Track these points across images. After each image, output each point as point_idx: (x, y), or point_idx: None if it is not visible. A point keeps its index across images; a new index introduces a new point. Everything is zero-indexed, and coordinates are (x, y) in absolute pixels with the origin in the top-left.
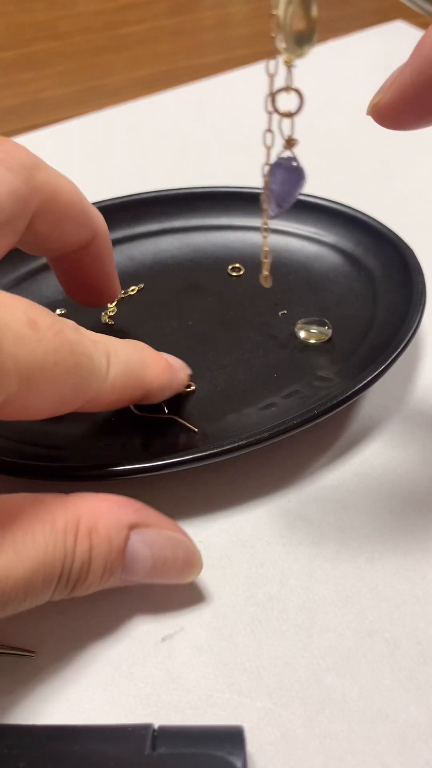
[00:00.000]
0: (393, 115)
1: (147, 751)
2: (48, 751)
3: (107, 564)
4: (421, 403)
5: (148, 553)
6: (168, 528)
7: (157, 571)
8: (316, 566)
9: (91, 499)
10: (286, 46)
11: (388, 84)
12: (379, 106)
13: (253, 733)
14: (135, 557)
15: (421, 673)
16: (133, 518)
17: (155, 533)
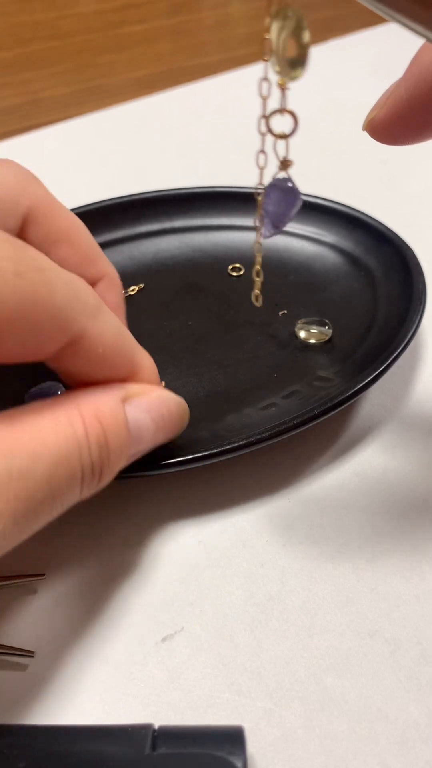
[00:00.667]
0: (388, 130)
1: (147, 752)
2: (48, 751)
3: (121, 441)
4: (421, 404)
5: (148, 418)
6: (153, 390)
7: (159, 432)
8: (316, 566)
9: (79, 391)
10: (280, 70)
11: (383, 100)
12: (375, 122)
13: (254, 734)
14: (139, 426)
15: (422, 673)
16: (122, 393)
17: (146, 398)
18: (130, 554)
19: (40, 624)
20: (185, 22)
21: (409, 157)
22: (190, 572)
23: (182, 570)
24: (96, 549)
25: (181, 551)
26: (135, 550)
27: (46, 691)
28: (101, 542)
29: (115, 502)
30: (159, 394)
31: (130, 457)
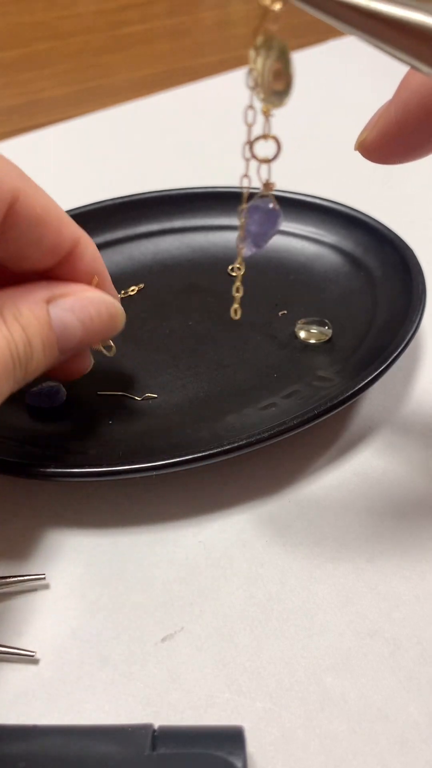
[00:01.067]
0: (379, 151)
1: (147, 752)
2: (48, 751)
3: (43, 339)
4: (421, 403)
5: (73, 318)
6: (82, 289)
7: (89, 332)
8: (316, 566)
9: (4, 292)
10: (264, 98)
11: (373, 122)
12: (366, 143)
13: (253, 734)
14: (64, 325)
15: (422, 673)
16: (46, 294)
17: (72, 299)
18: (130, 554)
19: (40, 624)
20: (185, 23)
21: None
22: (190, 572)
23: (182, 570)
24: (96, 549)
25: (182, 551)
26: (135, 550)
27: (46, 691)
28: (101, 542)
29: (115, 502)
30: (87, 294)
31: (61, 353)
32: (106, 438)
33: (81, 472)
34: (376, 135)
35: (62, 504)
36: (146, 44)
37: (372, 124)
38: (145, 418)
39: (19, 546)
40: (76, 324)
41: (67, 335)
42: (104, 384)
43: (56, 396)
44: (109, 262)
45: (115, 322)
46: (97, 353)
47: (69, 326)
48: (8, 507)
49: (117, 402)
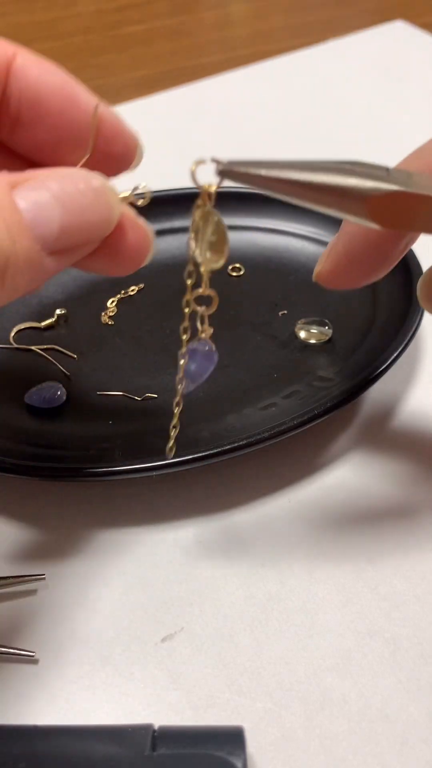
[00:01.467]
0: (334, 281)
1: (147, 752)
2: (48, 751)
3: (7, 221)
4: (421, 403)
5: (47, 196)
6: (57, 170)
7: (71, 212)
8: (317, 566)
9: None
10: (203, 262)
11: (325, 254)
12: (321, 275)
13: (254, 734)
14: (34, 205)
15: (422, 673)
16: (12, 178)
17: (45, 176)
18: (130, 554)
19: (40, 624)
20: (185, 23)
21: None
22: (190, 572)
23: (182, 570)
24: (95, 549)
25: (182, 551)
26: (135, 550)
27: (47, 691)
28: (101, 543)
29: (114, 503)
30: (64, 171)
31: (42, 243)
32: (106, 438)
33: (81, 471)
34: (329, 267)
35: (62, 504)
36: (146, 44)
37: (324, 257)
38: (145, 419)
39: (19, 546)
40: (52, 206)
41: (42, 216)
42: (104, 384)
43: (56, 396)
44: None
45: (105, 201)
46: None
47: (42, 205)
48: (8, 507)
49: (117, 402)
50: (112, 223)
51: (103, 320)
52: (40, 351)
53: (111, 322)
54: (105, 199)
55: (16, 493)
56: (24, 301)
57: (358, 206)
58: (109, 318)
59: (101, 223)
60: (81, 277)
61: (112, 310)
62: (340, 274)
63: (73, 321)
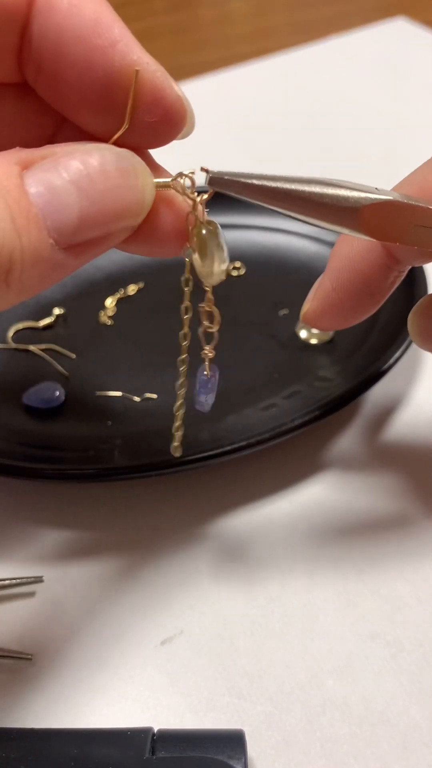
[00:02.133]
0: (322, 320)
1: (146, 755)
2: (47, 754)
3: (11, 207)
4: (421, 404)
5: (64, 179)
6: (80, 145)
7: (93, 202)
8: (317, 568)
9: None
10: (205, 276)
11: (312, 293)
12: (308, 314)
13: (254, 737)
14: (49, 190)
15: (423, 676)
16: (25, 155)
17: (63, 154)
18: (129, 557)
19: (39, 627)
20: (184, 20)
21: (411, 155)
22: (189, 575)
23: (182, 572)
24: (94, 552)
25: (181, 553)
26: (133, 552)
27: (45, 694)
28: (99, 545)
29: (113, 505)
30: (88, 147)
31: (57, 233)
32: (105, 439)
33: (80, 473)
34: (317, 305)
35: (61, 505)
36: (145, 41)
37: (311, 296)
38: (144, 419)
39: (18, 548)
40: (65, 186)
41: (55, 204)
42: (103, 384)
43: (54, 396)
44: (108, 261)
45: (130, 181)
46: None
47: (57, 191)
48: (7, 508)
49: (116, 402)
50: (143, 211)
51: (102, 320)
52: (38, 351)
53: (110, 321)
54: (135, 183)
55: (15, 494)
56: (23, 300)
57: (351, 217)
58: (108, 317)
59: (130, 211)
60: (80, 276)
61: (111, 310)
62: (328, 311)
63: (72, 320)
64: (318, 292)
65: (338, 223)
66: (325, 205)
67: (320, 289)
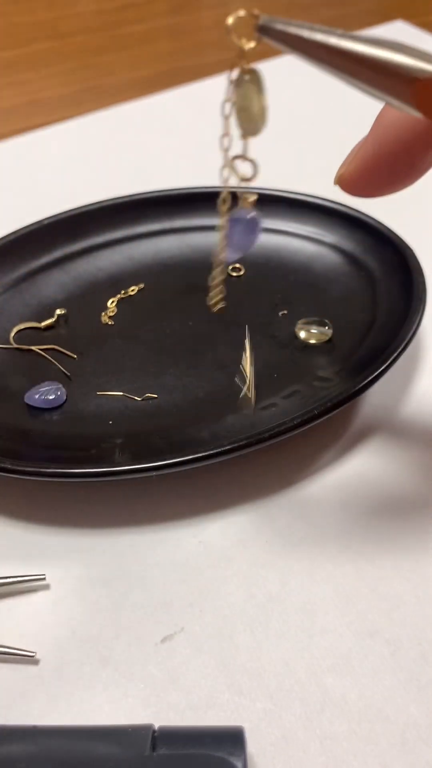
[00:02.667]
0: (357, 185)
1: (147, 752)
2: (48, 752)
3: None
4: (421, 404)
5: None
6: None
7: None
8: (317, 567)
9: None
10: (242, 126)
11: (351, 156)
12: (344, 177)
13: (254, 734)
14: None
15: (422, 673)
16: None
17: None
18: (130, 554)
19: (40, 625)
20: (185, 22)
21: None
22: (190, 572)
23: (182, 570)
24: (96, 549)
25: (181, 552)
26: (135, 550)
27: (46, 692)
28: (101, 542)
29: (114, 503)
30: None
31: None
32: (106, 438)
33: (81, 472)
34: (354, 169)
35: (62, 504)
36: (146, 44)
37: (350, 159)
38: (145, 419)
39: (19, 546)
40: None
41: None
42: (104, 384)
43: (56, 396)
44: (109, 263)
45: None
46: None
47: None
48: (8, 507)
49: (117, 402)
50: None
51: (103, 320)
52: (40, 351)
53: (111, 322)
54: None
55: (16, 493)
56: (24, 301)
57: (403, 88)
58: (109, 318)
59: None
60: (81, 277)
61: (112, 310)
62: (365, 177)
63: (73, 321)
64: (357, 155)
65: (388, 92)
66: (376, 71)
67: (360, 152)
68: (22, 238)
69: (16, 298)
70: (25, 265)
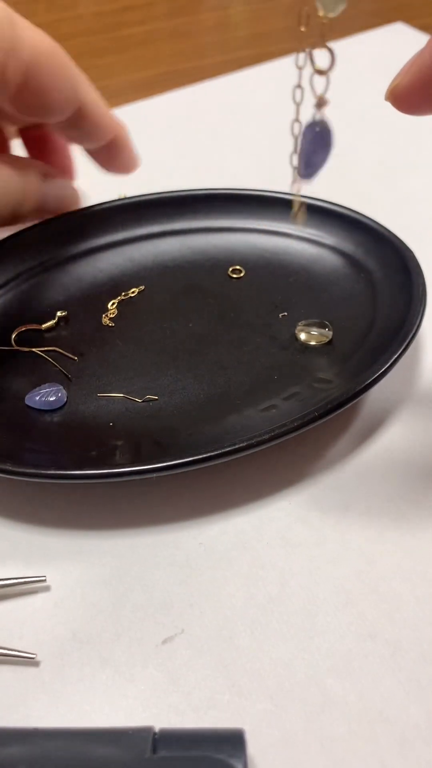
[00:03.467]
0: (412, 98)
1: (148, 754)
2: (48, 754)
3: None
4: (421, 405)
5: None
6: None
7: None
8: (317, 567)
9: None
10: (324, 4)
11: (407, 67)
12: (398, 89)
13: (254, 736)
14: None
15: (422, 674)
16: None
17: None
18: (131, 556)
19: (41, 627)
20: (185, 24)
21: (409, 158)
22: (190, 574)
23: (182, 572)
24: (96, 551)
25: (182, 553)
26: (135, 551)
27: (47, 693)
28: (101, 544)
29: (114, 504)
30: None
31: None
32: (106, 440)
33: (81, 473)
34: (410, 80)
35: (63, 506)
36: (147, 46)
37: (405, 70)
38: (145, 420)
39: (20, 548)
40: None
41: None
42: (105, 386)
43: (56, 398)
44: (109, 264)
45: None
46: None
47: None
48: (9, 508)
49: (117, 404)
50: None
51: (103, 322)
52: (40, 353)
53: (111, 324)
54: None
55: (17, 495)
56: (25, 303)
57: None
58: (109, 320)
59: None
60: (81, 279)
61: (112, 312)
62: (422, 90)
63: (74, 323)
64: (413, 66)
65: None
66: None
67: (417, 62)
68: (23, 239)
69: (16, 300)
70: (25, 267)
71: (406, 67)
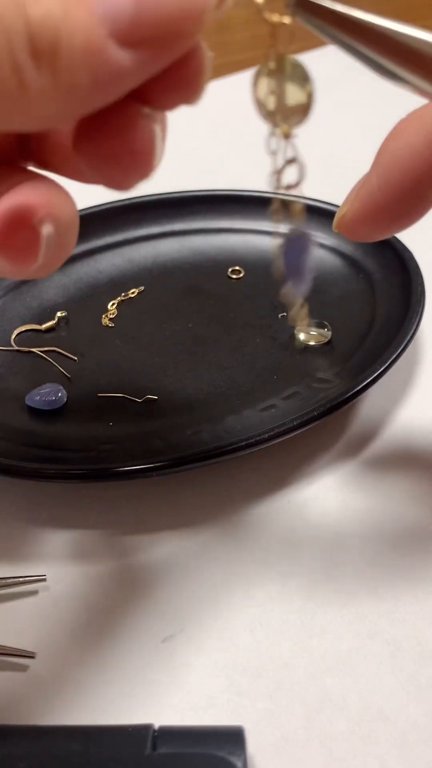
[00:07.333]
0: (362, 226)
1: (147, 752)
2: (48, 751)
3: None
4: (420, 405)
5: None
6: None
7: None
8: (316, 567)
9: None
10: (286, 120)
11: (353, 194)
12: (346, 219)
13: (254, 734)
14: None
15: (421, 674)
16: None
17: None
18: (130, 556)
19: (41, 625)
20: None
21: None
22: (190, 573)
23: (182, 571)
24: (96, 551)
25: (181, 552)
26: (135, 551)
27: (47, 691)
28: (101, 545)
29: (114, 504)
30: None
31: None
32: (106, 439)
33: (81, 473)
34: (358, 209)
35: (63, 505)
36: None
37: (352, 197)
38: (145, 420)
39: (20, 547)
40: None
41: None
42: (104, 386)
43: (56, 398)
44: (109, 265)
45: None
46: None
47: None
48: (9, 508)
49: (117, 404)
50: (206, 9)
51: (103, 322)
52: (40, 353)
53: (111, 324)
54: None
55: (18, 494)
56: (25, 303)
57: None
58: (109, 320)
59: (192, 12)
60: (81, 279)
61: (112, 312)
62: (371, 215)
63: (74, 323)
64: (361, 192)
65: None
66: (413, 57)
67: (364, 188)
68: None
69: (17, 301)
70: None
71: (352, 194)
